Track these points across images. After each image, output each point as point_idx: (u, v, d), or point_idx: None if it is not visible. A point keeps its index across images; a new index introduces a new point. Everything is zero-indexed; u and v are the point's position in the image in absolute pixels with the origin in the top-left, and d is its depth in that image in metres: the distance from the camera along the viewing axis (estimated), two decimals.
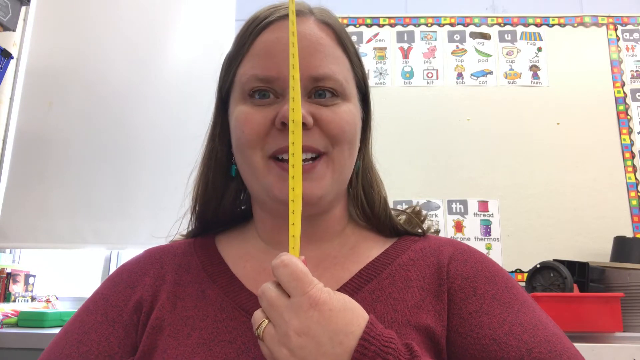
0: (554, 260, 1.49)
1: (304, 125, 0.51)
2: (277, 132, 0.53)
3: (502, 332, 0.49)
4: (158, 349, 0.51)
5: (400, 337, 0.48)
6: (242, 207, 0.67)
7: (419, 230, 0.64)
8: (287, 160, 0.48)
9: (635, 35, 2.02)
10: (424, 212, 0.67)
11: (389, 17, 2.08)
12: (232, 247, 0.62)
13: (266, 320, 0.41)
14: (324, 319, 0.39)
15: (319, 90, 0.55)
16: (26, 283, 1.93)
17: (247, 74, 0.56)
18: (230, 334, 0.51)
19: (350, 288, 0.54)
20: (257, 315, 0.42)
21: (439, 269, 0.56)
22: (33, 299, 1.90)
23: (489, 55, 2.02)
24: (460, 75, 2.00)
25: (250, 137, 0.54)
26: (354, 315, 0.40)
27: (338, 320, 0.39)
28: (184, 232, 0.68)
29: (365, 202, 0.62)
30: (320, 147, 0.54)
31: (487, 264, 0.57)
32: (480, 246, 1.83)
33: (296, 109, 0.47)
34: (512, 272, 1.80)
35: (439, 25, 2.06)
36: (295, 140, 0.46)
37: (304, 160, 0.52)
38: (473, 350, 0.49)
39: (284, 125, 0.52)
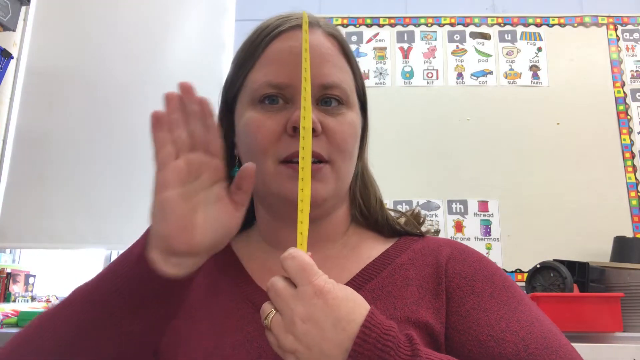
0: (554, 260, 1.49)
1: (313, 131, 0.54)
2: (288, 137, 0.56)
3: (499, 328, 0.50)
4: (171, 330, 0.54)
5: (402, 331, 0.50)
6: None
7: (417, 232, 0.66)
8: (296, 162, 0.50)
9: (635, 35, 2.02)
10: (423, 214, 0.69)
11: (389, 17, 2.08)
12: (241, 247, 0.65)
13: (274, 311, 0.43)
14: (328, 306, 0.41)
15: (325, 98, 0.58)
16: (26, 283, 1.93)
17: (260, 80, 0.58)
18: (238, 323, 0.54)
19: (352, 287, 0.56)
20: (265, 306, 0.44)
21: (437, 268, 0.58)
22: (33, 299, 1.90)
23: (489, 55, 2.02)
24: (460, 75, 2.00)
25: (263, 143, 0.56)
26: (356, 305, 0.42)
27: (341, 309, 0.41)
28: None
29: (362, 202, 0.65)
30: (325, 154, 0.57)
31: (484, 263, 0.59)
32: (480, 246, 1.83)
33: (307, 117, 0.50)
34: (512, 272, 1.81)
35: (439, 25, 2.06)
36: (306, 145, 0.49)
37: (312, 163, 0.54)
38: (470, 346, 0.50)
39: (295, 130, 0.54)
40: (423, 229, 0.67)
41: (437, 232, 0.71)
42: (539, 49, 2.01)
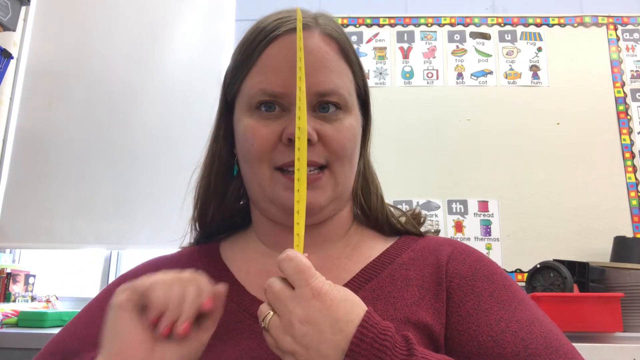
0: (554, 260, 1.49)
1: (309, 140, 0.53)
2: (283, 146, 0.56)
3: (499, 329, 0.50)
4: None
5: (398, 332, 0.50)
6: (242, 202, 0.68)
7: (417, 232, 0.66)
8: (292, 172, 0.50)
9: (635, 35, 2.02)
10: (423, 214, 0.69)
11: (389, 17, 2.08)
12: (235, 253, 0.64)
13: (271, 312, 0.43)
14: (326, 308, 0.41)
15: (322, 104, 0.57)
16: (26, 283, 1.93)
17: (255, 87, 0.57)
18: (235, 338, 0.53)
19: (352, 287, 0.55)
20: (263, 307, 0.44)
21: (437, 268, 0.57)
22: (33, 299, 1.90)
23: (489, 55, 2.02)
24: (460, 75, 2.00)
25: (259, 151, 0.56)
26: (354, 306, 0.42)
27: (339, 310, 0.41)
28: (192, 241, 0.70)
29: (363, 200, 0.65)
30: (322, 161, 0.56)
31: (485, 263, 0.58)
32: (480, 246, 1.83)
33: (302, 126, 0.49)
34: (512, 272, 1.80)
35: (439, 25, 2.06)
36: (301, 156, 0.49)
37: (309, 171, 0.54)
38: (470, 347, 0.50)
39: (290, 141, 0.54)
40: (423, 229, 0.67)
41: (437, 232, 0.70)
42: (539, 49, 2.01)
